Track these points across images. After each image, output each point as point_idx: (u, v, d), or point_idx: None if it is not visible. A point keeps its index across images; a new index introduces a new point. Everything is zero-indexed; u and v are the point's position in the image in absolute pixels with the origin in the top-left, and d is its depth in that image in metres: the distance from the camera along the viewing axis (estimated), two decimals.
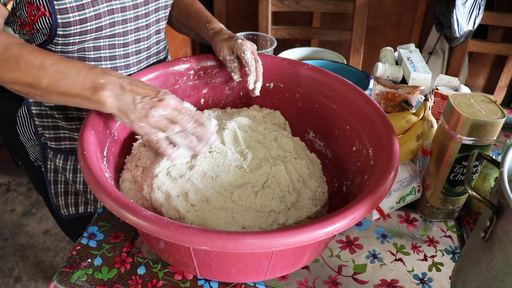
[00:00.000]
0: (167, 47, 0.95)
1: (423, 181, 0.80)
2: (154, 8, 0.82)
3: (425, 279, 0.70)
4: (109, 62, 0.80)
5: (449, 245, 0.76)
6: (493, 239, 0.51)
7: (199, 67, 0.85)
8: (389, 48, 1.05)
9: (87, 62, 0.78)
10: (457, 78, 0.96)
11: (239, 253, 0.57)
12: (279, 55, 1.12)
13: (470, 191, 0.53)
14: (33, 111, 0.85)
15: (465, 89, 0.95)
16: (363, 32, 1.67)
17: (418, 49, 1.03)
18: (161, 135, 0.64)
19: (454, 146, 0.70)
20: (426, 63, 1.31)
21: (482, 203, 0.52)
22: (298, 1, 1.67)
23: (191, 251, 0.59)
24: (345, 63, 1.10)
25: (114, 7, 0.74)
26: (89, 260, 0.70)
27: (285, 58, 0.88)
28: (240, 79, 0.82)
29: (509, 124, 1.09)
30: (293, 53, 1.19)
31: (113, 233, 0.75)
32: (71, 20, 0.69)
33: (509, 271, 0.49)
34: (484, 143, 0.68)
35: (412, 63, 0.97)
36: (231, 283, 0.67)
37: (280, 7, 1.69)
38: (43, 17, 0.69)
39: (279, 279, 0.68)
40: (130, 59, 0.83)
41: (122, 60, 0.82)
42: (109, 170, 0.68)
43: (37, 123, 0.86)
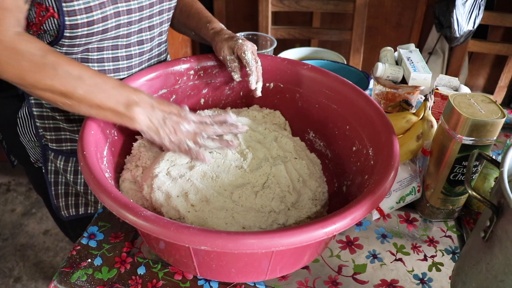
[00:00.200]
0: (167, 49, 0.95)
1: (423, 181, 0.80)
2: (158, 11, 0.82)
3: (425, 279, 0.70)
4: (111, 63, 0.80)
5: (449, 245, 0.76)
6: (493, 239, 0.51)
7: (199, 67, 0.85)
8: (389, 48, 1.05)
9: (90, 63, 0.78)
10: (457, 78, 0.96)
11: (239, 253, 0.57)
12: (279, 55, 1.12)
13: (470, 191, 0.53)
14: (34, 112, 0.85)
15: (465, 89, 0.95)
16: (363, 32, 1.67)
17: (418, 49, 1.03)
18: (190, 144, 0.69)
19: (454, 146, 0.70)
20: (426, 63, 1.31)
21: (482, 203, 0.52)
22: (298, 1, 1.67)
23: (191, 251, 0.59)
24: (345, 63, 1.10)
25: (120, 9, 0.74)
26: (89, 260, 0.70)
27: (285, 58, 0.88)
28: (240, 79, 0.82)
29: (509, 124, 1.09)
30: (293, 53, 1.19)
31: (113, 233, 0.75)
32: (79, 22, 0.69)
33: (509, 271, 0.49)
34: (484, 143, 0.68)
35: (412, 63, 0.97)
36: (231, 283, 0.67)
37: (280, 7, 1.69)
38: (52, 18, 0.69)
39: (279, 279, 0.68)
40: (133, 60, 0.83)
41: (125, 62, 0.82)
42: (109, 170, 0.68)
43: (38, 124, 0.86)
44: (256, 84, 0.81)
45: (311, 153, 0.83)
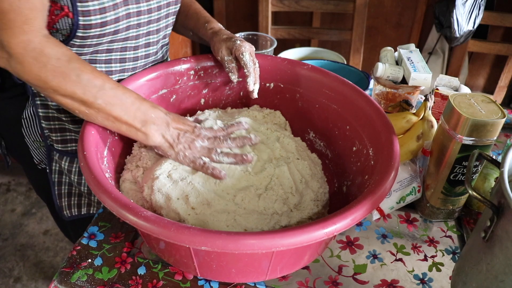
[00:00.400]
0: (168, 51, 0.95)
1: (423, 181, 0.80)
2: (165, 14, 0.82)
3: (426, 279, 0.70)
4: (118, 64, 0.80)
5: (449, 245, 0.76)
6: (494, 239, 0.51)
7: (199, 67, 0.85)
8: (389, 48, 1.05)
9: (97, 64, 0.78)
10: (457, 78, 0.96)
11: (240, 253, 0.57)
12: (279, 55, 1.12)
13: (470, 191, 0.53)
14: (40, 113, 0.84)
15: (465, 89, 0.95)
16: (363, 32, 1.67)
17: (418, 49, 1.03)
18: (205, 159, 0.69)
19: (454, 146, 0.70)
20: (426, 63, 1.30)
21: (482, 203, 0.52)
22: (298, 1, 1.67)
23: (191, 252, 0.59)
24: (345, 63, 1.10)
25: (131, 11, 0.74)
26: (89, 260, 0.70)
27: (285, 58, 0.88)
28: (237, 79, 0.82)
29: (509, 124, 1.09)
30: (293, 53, 1.19)
31: (113, 233, 0.75)
32: (93, 22, 0.69)
33: (509, 271, 0.49)
34: (484, 143, 0.68)
35: (412, 63, 0.97)
36: (231, 283, 0.67)
37: (280, 7, 1.69)
38: (66, 17, 0.68)
39: (279, 279, 0.68)
40: (138, 62, 0.83)
41: (131, 63, 0.82)
42: (109, 171, 0.68)
43: (44, 125, 0.85)
44: (254, 86, 0.81)
45: (311, 153, 0.83)
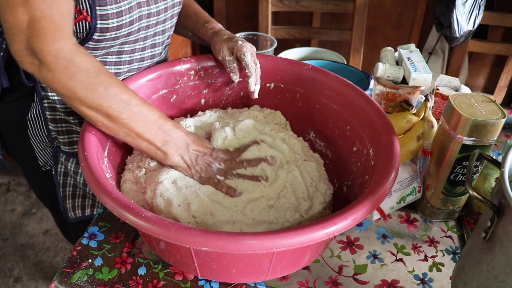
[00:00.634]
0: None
1: (423, 182, 0.80)
2: (170, 15, 0.82)
3: (426, 279, 0.70)
4: (127, 66, 0.80)
5: (449, 245, 0.76)
6: (494, 240, 0.51)
7: (199, 67, 0.85)
8: (389, 48, 1.05)
9: (107, 66, 0.78)
10: (457, 78, 0.96)
11: (240, 254, 0.57)
12: (279, 55, 1.12)
13: (470, 191, 0.53)
14: (48, 116, 0.83)
15: (466, 89, 0.95)
16: (363, 32, 1.67)
17: (418, 49, 1.03)
18: (220, 178, 0.70)
19: (455, 147, 0.70)
20: (426, 63, 1.30)
21: (482, 203, 0.52)
22: (298, 1, 1.67)
23: (191, 252, 0.59)
24: (345, 63, 1.10)
25: (143, 13, 0.74)
26: (90, 261, 0.70)
27: (285, 58, 0.88)
28: (238, 79, 0.82)
29: (509, 124, 1.09)
30: (293, 53, 1.19)
31: (113, 233, 0.75)
32: (110, 26, 0.69)
33: (510, 272, 0.49)
34: (485, 143, 0.68)
35: (413, 63, 0.97)
36: (231, 284, 0.67)
37: (280, 7, 1.69)
38: (83, 21, 0.68)
39: (279, 280, 0.68)
40: (144, 63, 0.83)
41: (137, 64, 0.82)
42: (109, 171, 0.68)
43: (51, 127, 0.85)
44: (255, 86, 0.81)
45: (314, 153, 0.83)
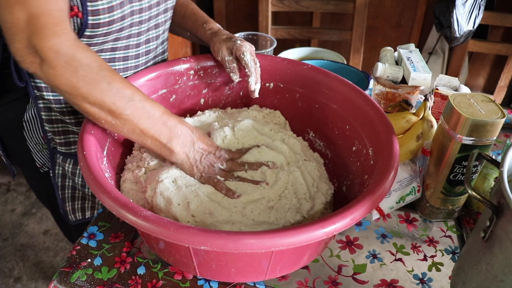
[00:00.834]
0: (167, 47, 0.95)
1: (423, 181, 0.80)
2: (163, 9, 0.82)
3: (425, 279, 0.70)
4: (122, 62, 0.80)
5: (449, 245, 0.76)
6: (493, 239, 0.51)
7: (199, 67, 0.85)
8: (389, 48, 1.05)
9: None
10: (457, 78, 0.95)
11: (239, 253, 0.57)
12: (279, 55, 1.12)
13: (470, 191, 0.53)
14: (43, 116, 0.83)
15: (465, 89, 0.95)
16: (363, 32, 1.67)
17: (418, 49, 1.03)
18: (220, 178, 0.70)
19: (454, 146, 0.70)
20: (426, 63, 1.30)
21: (482, 203, 0.52)
22: (298, 1, 1.67)
23: (191, 251, 0.59)
24: (345, 63, 1.10)
25: (134, 8, 0.74)
26: (89, 260, 0.70)
27: (285, 58, 0.88)
28: (239, 79, 0.82)
29: (509, 124, 1.09)
30: (293, 53, 1.19)
31: (113, 233, 0.75)
32: (101, 21, 0.69)
33: (509, 271, 0.49)
34: (484, 143, 0.68)
35: (412, 63, 0.97)
36: (231, 283, 0.67)
37: (280, 7, 1.69)
38: (75, 17, 0.68)
39: (279, 279, 0.68)
40: (140, 59, 0.83)
41: (133, 61, 0.82)
42: (109, 170, 0.68)
43: (47, 128, 0.85)
44: (255, 85, 0.81)
45: (313, 152, 0.83)
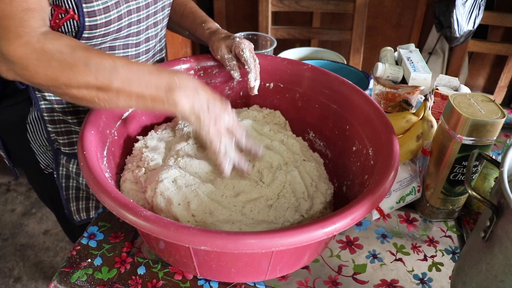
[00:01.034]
0: (166, 44, 0.95)
1: (423, 181, 0.80)
2: (161, 7, 0.83)
3: (425, 279, 0.70)
4: None
5: (449, 245, 0.76)
6: (493, 239, 0.51)
7: (199, 67, 0.85)
8: (389, 48, 1.05)
9: None
10: (457, 78, 0.96)
11: (239, 253, 0.57)
12: (279, 55, 1.12)
13: (470, 191, 0.53)
14: (45, 117, 0.83)
15: (465, 89, 0.95)
16: (363, 32, 1.67)
17: (418, 49, 1.03)
18: (222, 147, 0.66)
19: (454, 146, 0.70)
20: (426, 63, 1.30)
21: (482, 203, 0.52)
22: (298, 1, 1.67)
23: (191, 251, 0.59)
24: (345, 63, 1.10)
25: (131, 7, 0.74)
26: (89, 260, 0.70)
27: (285, 58, 0.88)
28: (240, 76, 0.82)
29: (509, 124, 1.09)
30: (293, 53, 1.19)
31: (113, 233, 0.75)
32: (98, 22, 0.69)
33: (509, 271, 0.49)
34: (484, 143, 0.68)
35: (412, 63, 0.97)
36: (231, 283, 0.67)
37: (280, 7, 1.69)
38: (71, 20, 0.68)
39: (279, 279, 0.68)
40: (140, 58, 0.83)
41: (133, 60, 0.82)
42: (109, 170, 0.68)
43: (50, 129, 0.84)
44: (255, 82, 0.81)
45: (313, 152, 0.83)
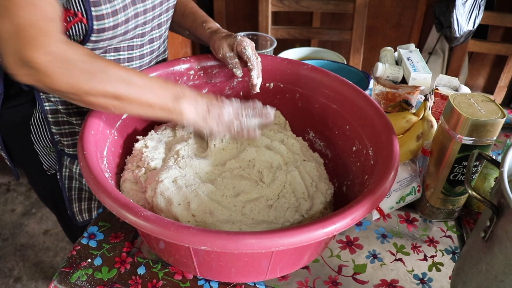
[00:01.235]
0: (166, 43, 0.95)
1: (423, 181, 0.80)
2: (165, 8, 0.83)
3: (425, 279, 0.70)
4: (126, 64, 0.81)
5: (449, 245, 0.76)
6: (493, 239, 0.51)
7: (199, 67, 0.85)
8: (389, 48, 1.05)
9: None
10: (457, 78, 0.96)
11: (239, 253, 0.57)
12: (279, 55, 1.12)
13: (470, 191, 0.53)
14: (50, 119, 0.83)
15: (465, 89, 0.95)
16: (363, 32, 1.67)
17: (418, 49, 1.03)
18: (237, 124, 0.72)
19: (454, 146, 0.70)
20: (426, 63, 1.30)
21: (482, 203, 0.52)
22: (298, 1, 1.67)
23: (191, 251, 0.59)
24: (345, 63, 1.10)
25: (138, 10, 0.74)
26: (89, 260, 0.70)
27: (285, 58, 0.88)
28: (242, 74, 0.82)
29: (509, 124, 1.09)
30: (293, 53, 1.19)
31: (113, 233, 0.75)
32: (106, 26, 0.69)
33: (509, 271, 0.49)
34: (484, 143, 0.68)
35: (412, 63, 0.97)
36: (231, 283, 0.67)
37: (280, 7, 1.69)
38: (79, 23, 0.68)
39: (279, 279, 0.68)
40: (145, 59, 0.84)
41: (138, 61, 0.82)
42: (109, 170, 0.68)
43: (54, 130, 0.85)
44: (257, 79, 0.81)
45: (313, 152, 0.83)
